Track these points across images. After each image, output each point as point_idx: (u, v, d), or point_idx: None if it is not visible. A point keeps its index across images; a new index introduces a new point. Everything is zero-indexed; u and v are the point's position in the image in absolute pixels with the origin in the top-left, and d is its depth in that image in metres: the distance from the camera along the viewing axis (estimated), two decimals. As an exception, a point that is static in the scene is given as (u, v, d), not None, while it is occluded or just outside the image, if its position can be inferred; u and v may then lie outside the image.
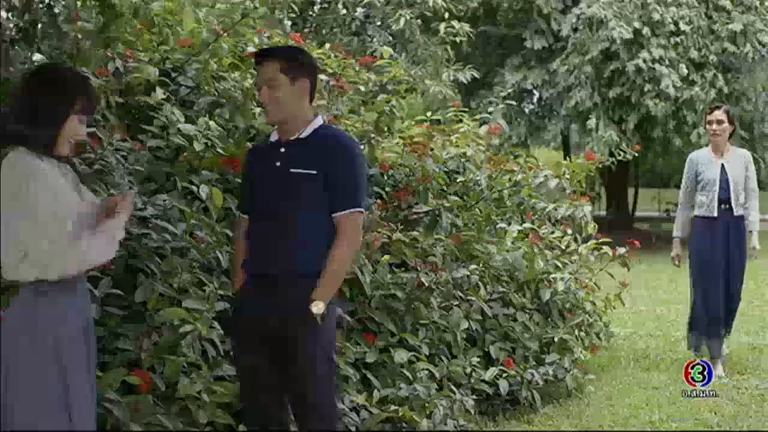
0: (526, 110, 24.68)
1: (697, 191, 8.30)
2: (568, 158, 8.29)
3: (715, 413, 6.91)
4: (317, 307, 4.06)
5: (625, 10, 21.30)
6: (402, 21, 18.04)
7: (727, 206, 8.18)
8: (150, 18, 6.52)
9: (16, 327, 3.50)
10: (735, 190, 8.17)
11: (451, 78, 18.59)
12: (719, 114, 8.26)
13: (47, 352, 3.46)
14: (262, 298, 4.20)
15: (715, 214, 8.18)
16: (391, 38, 19.37)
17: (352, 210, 4.17)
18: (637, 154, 8.60)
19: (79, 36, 5.51)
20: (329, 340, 4.18)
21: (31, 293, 3.48)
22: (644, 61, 20.92)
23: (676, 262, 8.71)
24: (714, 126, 8.24)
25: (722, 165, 8.19)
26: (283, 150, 4.24)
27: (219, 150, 5.69)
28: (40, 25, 5.64)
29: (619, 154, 8.31)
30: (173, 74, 6.27)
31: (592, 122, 21.56)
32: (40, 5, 5.39)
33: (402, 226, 6.82)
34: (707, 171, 8.23)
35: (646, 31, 21.13)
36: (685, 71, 21.18)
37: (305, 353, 4.11)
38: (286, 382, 4.20)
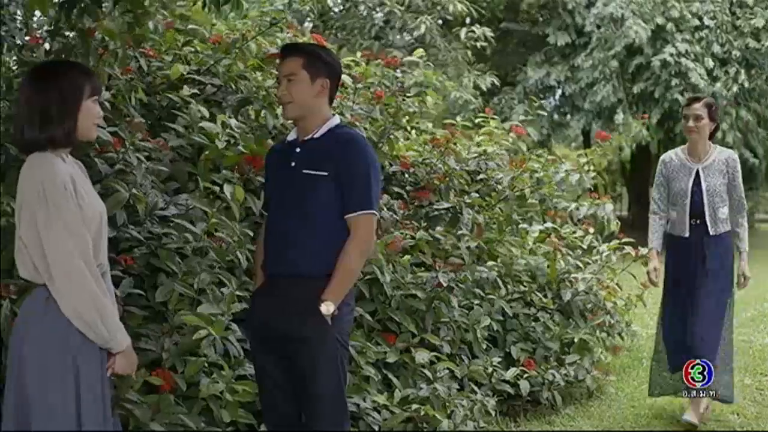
0: (548, 108, 24.62)
1: (669, 202, 6.74)
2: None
3: (738, 414, 6.88)
4: (327, 307, 4.05)
5: (644, 8, 21.25)
6: (423, 27, 18.07)
7: (700, 222, 6.55)
8: (179, 14, 6.56)
9: (28, 328, 3.51)
10: (711, 204, 6.51)
11: (472, 83, 18.60)
12: (698, 108, 6.58)
13: (58, 354, 3.46)
14: (273, 298, 4.21)
15: (687, 234, 6.60)
16: (412, 42, 19.39)
17: (364, 212, 4.14)
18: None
19: (106, 37, 5.52)
20: (339, 341, 4.16)
21: (43, 293, 3.49)
22: (670, 55, 20.87)
23: (654, 277, 6.86)
24: (690, 122, 6.58)
25: (697, 172, 6.57)
26: (298, 150, 4.23)
27: (241, 148, 5.70)
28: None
29: (645, 142, 7.94)
30: (198, 75, 6.29)
31: (619, 117, 21.52)
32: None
33: (424, 224, 6.82)
34: (679, 179, 6.64)
35: (669, 26, 21.09)
36: (711, 64, 21.13)
37: (313, 353, 4.10)
38: (295, 382, 4.21)
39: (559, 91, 24.73)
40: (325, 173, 4.11)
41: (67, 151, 3.62)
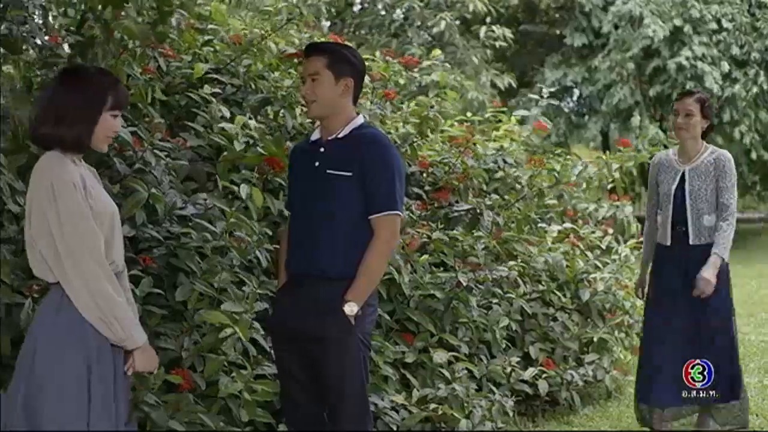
0: (566, 109, 24.61)
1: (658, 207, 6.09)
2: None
3: (758, 415, 6.84)
4: (350, 308, 4.06)
5: (663, 7, 21.21)
6: (443, 24, 18.06)
7: (684, 230, 5.86)
8: (197, 14, 6.58)
9: (42, 326, 3.52)
10: (694, 209, 5.81)
11: (490, 82, 18.56)
12: (689, 103, 5.87)
13: (70, 352, 3.46)
14: (296, 298, 4.22)
15: (668, 242, 5.93)
16: (431, 40, 19.39)
17: (388, 212, 4.13)
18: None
19: (125, 36, 5.54)
20: (362, 341, 4.17)
21: (58, 291, 3.50)
22: (686, 58, 20.84)
23: (639, 294, 6.36)
24: (680, 119, 5.89)
25: (683, 174, 5.90)
26: (322, 150, 4.23)
27: (260, 149, 5.71)
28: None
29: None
30: (215, 74, 6.30)
31: (635, 120, 21.50)
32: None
33: (442, 225, 6.82)
34: (665, 181, 5.97)
35: (687, 28, 21.05)
36: (727, 68, 21.08)
37: (336, 354, 4.11)
38: (318, 382, 4.21)
39: (577, 92, 24.71)
40: (349, 173, 4.11)
41: (78, 155, 3.63)
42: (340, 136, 4.21)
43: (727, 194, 5.80)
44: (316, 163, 4.20)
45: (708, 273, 5.69)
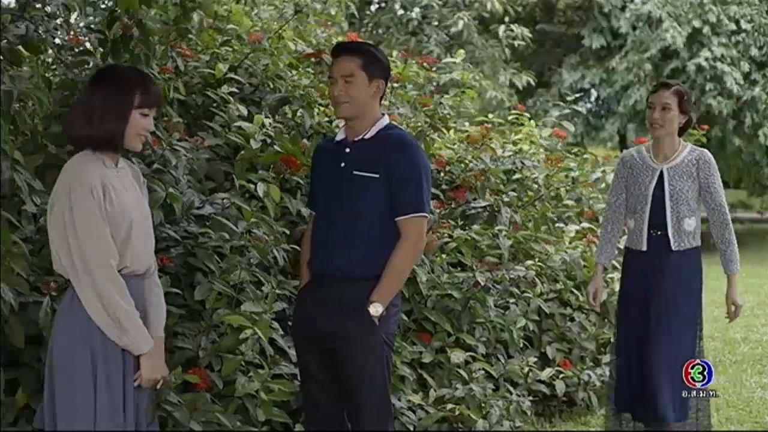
0: (583, 110, 24.53)
1: (628, 209, 5.59)
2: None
3: (774, 416, 6.84)
4: (375, 309, 4.06)
5: (680, 9, 21.11)
6: (461, 23, 18.05)
7: (661, 234, 5.40)
8: (214, 13, 6.58)
9: (57, 325, 3.57)
10: (675, 212, 5.35)
11: (508, 81, 18.56)
12: (666, 96, 5.42)
13: (79, 352, 3.48)
14: (320, 298, 4.22)
15: (644, 247, 5.45)
16: (448, 39, 19.38)
17: (415, 214, 4.13)
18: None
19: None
20: (385, 341, 4.17)
21: (71, 292, 3.54)
22: (705, 59, 20.74)
23: (591, 299, 5.78)
24: (656, 113, 5.40)
25: (661, 173, 5.42)
26: (348, 150, 4.22)
27: (276, 148, 5.71)
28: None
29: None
30: (232, 74, 6.30)
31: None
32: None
33: (462, 222, 6.81)
34: (639, 182, 5.48)
35: (706, 30, 20.95)
36: (747, 68, 20.98)
37: (360, 354, 4.11)
38: (341, 382, 4.21)
39: (594, 94, 24.65)
40: (376, 175, 4.11)
41: (110, 155, 3.64)
42: (366, 137, 4.20)
43: (720, 198, 5.42)
44: (342, 164, 4.20)
45: (738, 298, 5.47)
